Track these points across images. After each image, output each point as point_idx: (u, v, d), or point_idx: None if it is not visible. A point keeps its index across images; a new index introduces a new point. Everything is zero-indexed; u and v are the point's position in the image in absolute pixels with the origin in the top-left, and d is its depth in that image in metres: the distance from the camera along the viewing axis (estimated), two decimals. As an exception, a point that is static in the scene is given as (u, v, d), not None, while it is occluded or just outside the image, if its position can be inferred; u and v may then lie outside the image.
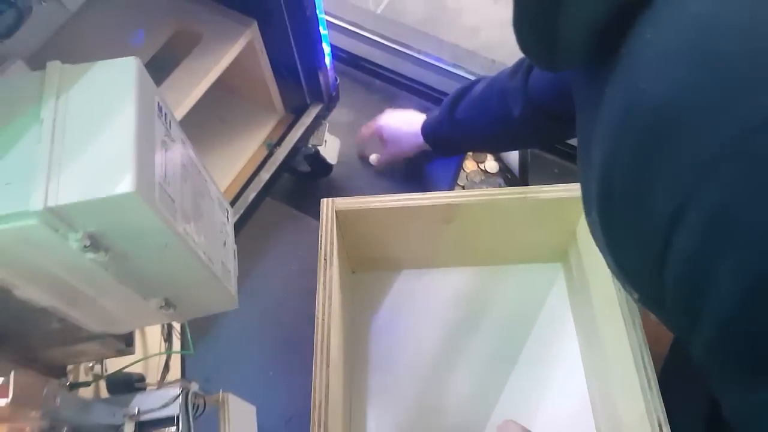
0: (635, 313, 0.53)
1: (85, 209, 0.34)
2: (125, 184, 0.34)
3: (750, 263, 0.25)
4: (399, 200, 0.59)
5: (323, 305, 0.53)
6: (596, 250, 0.47)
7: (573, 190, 0.59)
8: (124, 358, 0.58)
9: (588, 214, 0.43)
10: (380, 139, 0.95)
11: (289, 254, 1.10)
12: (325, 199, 0.59)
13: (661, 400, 0.48)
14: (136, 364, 0.61)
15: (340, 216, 0.58)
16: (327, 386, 0.49)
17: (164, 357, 0.68)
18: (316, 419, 0.48)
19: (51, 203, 0.33)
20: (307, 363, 0.98)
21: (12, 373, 0.32)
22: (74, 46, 0.77)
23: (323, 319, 0.52)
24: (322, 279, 0.54)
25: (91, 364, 0.57)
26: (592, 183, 0.37)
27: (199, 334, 0.66)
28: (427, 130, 0.87)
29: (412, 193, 0.60)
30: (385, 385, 0.64)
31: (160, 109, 0.41)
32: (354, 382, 0.63)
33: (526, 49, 0.38)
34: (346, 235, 0.60)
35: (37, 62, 0.75)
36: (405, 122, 0.92)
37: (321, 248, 0.56)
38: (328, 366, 0.50)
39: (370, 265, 0.70)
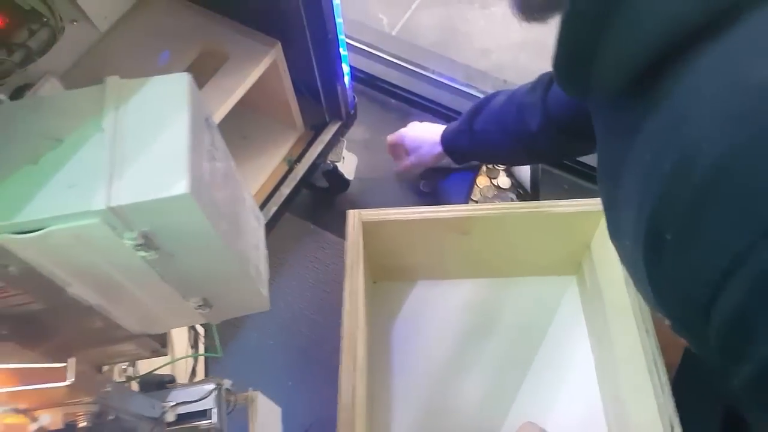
0: (648, 321, 0.54)
1: (142, 209, 0.37)
2: (180, 187, 0.37)
3: None
4: (421, 212, 0.62)
5: (349, 312, 0.55)
6: (611, 261, 0.50)
7: (587, 204, 0.62)
8: (154, 361, 0.60)
9: (618, 239, 0.44)
10: (402, 147, 0.98)
11: (308, 268, 1.13)
12: (352, 211, 0.61)
13: (673, 402, 0.50)
14: (166, 366, 0.63)
15: (365, 227, 0.61)
16: (354, 388, 0.52)
17: (191, 362, 0.70)
18: (343, 420, 0.50)
19: (112, 203, 0.36)
20: (324, 373, 1.01)
21: (73, 360, 0.34)
22: (104, 65, 0.81)
23: (349, 326, 0.54)
24: (348, 287, 0.56)
25: (124, 366, 0.59)
26: (627, 214, 0.39)
27: (221, 344, 0.69)
28: (446, 139, 0.90)
29: (433, 206, 0.62)
30: (405, 388, 0.66)
31: (207, 121, 0.45)
32: (375, 385, 0.65)
33: (560, 80, 0.40)
34: (368, 246, 0.63)
35: (69, 80, 0.80)
36: (426, 132, 0.96)
37: (347, 257, 0.58)
38: (354, 369, 0.52)
39: (390, 275, 0.72)
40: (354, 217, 0.61)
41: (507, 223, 0.63)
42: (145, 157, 0.38)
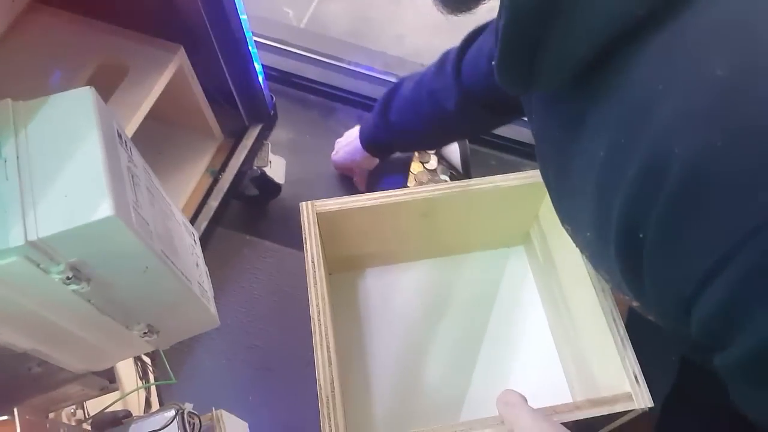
0: (602, 281, 0.56)
1: (66, 239, 0.34)
2: (104, 209, 0.34)
3: None
4: (377, 198, 0.61)
5: (317, 306, 0.54)
6: (559, 229, 0.51)
7: (534, 176, 0.63)
8: (104, 400, 0.56)
9: (573, 226, 0.44)
10: (345, 166, 0.98)
11: (251, 280, 1.09)
12: (305, 203, 0.60)
13: (635, 355, 0.51)
14: (117, 403, 0.60)
15: (320, 218, 0.60)
16: (332, 382, 0.50)
17: (143, 395, 0.67)
18: (326, 414, 0.49)
19: (31, 237, 0.33)
20: (285, 382, 0.98)
21: (15, 410, 0.31)
22: (-11, 88, 0.75)
23: (319, 320, 0.53)
24: (312, 281, 0.55)
25: (72, 410, 0.55)
26: (583, 204, 0.39)
27: (173, 370, 0.66)
28: (365, 139, 0.89)
29: (389, 190, 0.62)
30: (375, 376, 0.66)
31: (120, 136, 0.42)
32: (348, 376, 0.65)
33: (502, 78, 0.39)
34: (323, 238, 0.62)
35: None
36: (348, 142, 0.95)
37: (307, 252, 0.57)
38: (330, 363, 0.51)
39: (346, 265, 0.71)
40: (308, 209, 0.60)
41: (464, 201, 0.64)
42: (59, 183, 0.35)
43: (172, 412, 0.46)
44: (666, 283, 0.34)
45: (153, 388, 0.67)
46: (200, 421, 0.50)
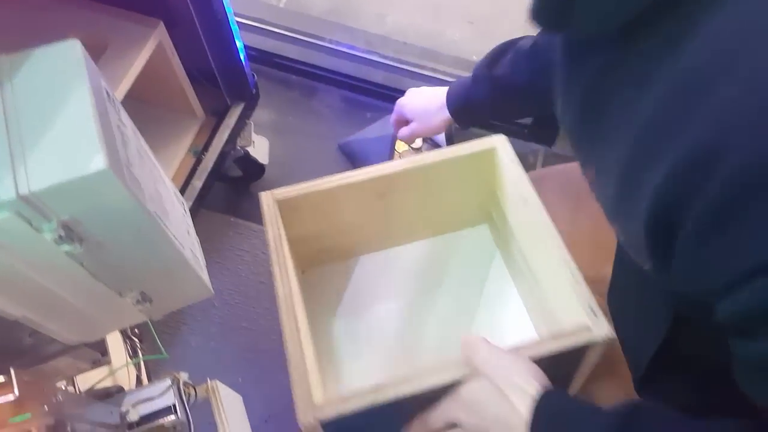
0: (556, 238, 0.57)
1: (58, 194, 0.33)
2: (97, 162, 0.33)
3: None
4: (335, 180, 0.60)
5: (283, 294, 0.52)
6: (516, 205, 0.50)
7: (486, 144, 0.63)
8: (95, 375, 0.55)
9: (597, 171, 0.41)
10: (404, 119, 0.87)
11: (237, 261, 1.08)
12: (263, 193, 0.59)
13: (590, 292, 0.52)
14: (107, 380, 0.58)
15: (281, 206, 0.59)
16: (301, 352, 0.49)
17: (134, 373, 0.66)
18: (296, 380, 0.47)
19: (23, 191, 0.32)
20: (275, 362, 0.98)
21: (12, 371, 0.30)
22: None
23: (287, 311, 0.51)
24: (277, 272, 0.54)
25: (63, 386, 0.54)
26: (611, 153, 0.36)
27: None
28: (454, 98, 0.78)
29: (348, 171, 0.61)
30: (358, 372, 0.65)
31: (108, 94, 0.40)
32: (328, 368, 0.64)
33: (539, 13, 0.36)
34: (289, 231, 0.61)
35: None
36: (428, 99, 0.84)
37: (269, 241, 0.56)
38: (300, 336, 0.50)
39: (316, 260, 0.71)
40: (267, 198, 0.59)
41: (420, 177, 0.63)
42: (50, 136, 0.34)
43: (168, 382, 0.46)
44: (698, 267, 0.32)
45: (143, 367, 0.66)
46: (196, 392, 0.50)
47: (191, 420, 0.45)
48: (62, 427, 0.33)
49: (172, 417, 0.43)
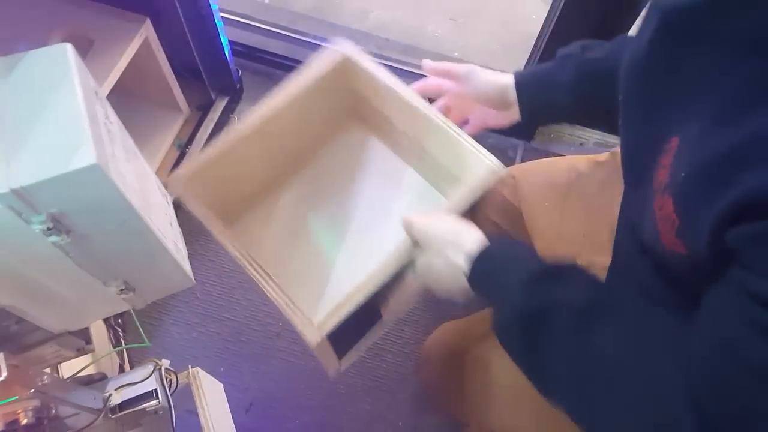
0: (428, 107, 0.66)
1: (49, 188, 0.35)
2: (87, 158, 0.35)
3: None
4: (222, 143, 0.65)
5: (241, 255, 0.57)
6: (390, 103, 0.61)
7: (340, 52, 0.70)
8: (79, 362, 0.57)
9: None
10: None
11: (219, 254, 1.10)
12: (171, 176, 0.64)
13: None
14: (90, 367, 0.60)
15: (194, 180, 0.64)
16: (284, 293, 0.55)
17: (116, 361, 0.67)
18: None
19: (14, 185, 0.33)
20: (257, 352, 1.00)
21: (1, 354, 0.32)
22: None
23: (248, 261, 0.56)
24: (229, 245, 0.58)
25: (47, 373, 0.55)
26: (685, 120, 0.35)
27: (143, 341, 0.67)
28: (525, 82, 0.63)
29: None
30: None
31: (95, 93, 0.42)
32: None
33: None
34: (208, 200, 0.65)
35: None
36: (493, 81, 0.66)
37: (200, 217, 0.61)
38: (272, 279, 0.56)
39: (231, 219, 0.75)
40: (177, 181, 0.64)
41: (296, 107, 0.70)
42: (42, 133, 0.36)
43: (150, 368, 0.48)
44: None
45: (125, 356, 0.68)
46: (177, 378, 0.52)
47: (172, 405, 0.47)
48: (47, 410, 0.35)
49: (154, 402, 0.45)
